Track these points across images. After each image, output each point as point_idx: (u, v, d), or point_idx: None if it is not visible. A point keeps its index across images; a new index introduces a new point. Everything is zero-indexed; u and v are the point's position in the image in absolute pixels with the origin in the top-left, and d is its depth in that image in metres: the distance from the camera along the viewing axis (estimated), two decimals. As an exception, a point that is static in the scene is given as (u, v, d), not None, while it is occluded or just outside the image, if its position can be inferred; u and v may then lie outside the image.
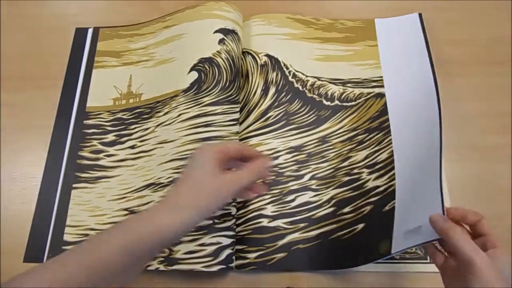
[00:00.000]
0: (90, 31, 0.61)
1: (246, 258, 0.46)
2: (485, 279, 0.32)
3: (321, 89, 0.55)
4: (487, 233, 0.36)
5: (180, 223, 0.33)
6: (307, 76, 0.56)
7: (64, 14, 0.64)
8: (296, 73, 0.56)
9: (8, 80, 0.58)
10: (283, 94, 0.55)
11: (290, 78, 0.56)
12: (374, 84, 0.55)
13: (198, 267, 0.45)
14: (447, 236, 0.35)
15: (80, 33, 0.61)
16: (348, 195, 0.49)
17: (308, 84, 0.56)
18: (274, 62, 0.57)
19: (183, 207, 0.34)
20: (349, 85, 0.55)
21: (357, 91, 0.55)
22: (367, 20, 0.59)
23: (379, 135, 0.51)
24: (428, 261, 0.46)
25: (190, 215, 0.33)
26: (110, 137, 0.54)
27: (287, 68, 0.57)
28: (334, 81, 0.56)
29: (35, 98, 0.57)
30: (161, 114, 0.53)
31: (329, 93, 0.55)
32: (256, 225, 0.48)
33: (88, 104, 0.56)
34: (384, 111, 0.52)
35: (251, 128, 0.53)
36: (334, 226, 0.47)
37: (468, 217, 0.38)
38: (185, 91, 0.52)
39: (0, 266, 0.47)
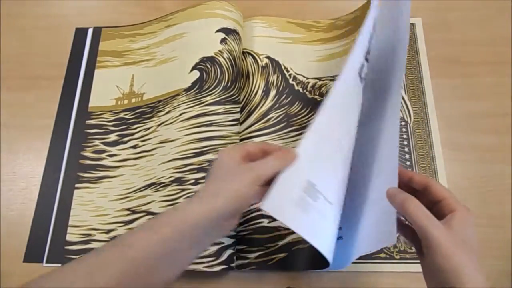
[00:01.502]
0: (90, 31, 0.61)
1: (247, 258, 0.46)
2: (443, 251, 0.29)
3: (322, 89, 0.55)
4: (443, 198, 0.33)
5: (210, 209, 0.32)
6: (307, 78, 0.56)
7: (64, 14, 0.64)
8: (297, 75, 0.56)
9: (8, 80, 0.58)
10: (283, 97, 0.55)
11: (290, 80, 0.56)
12: None
13: (200, 267, 0.45)
14: (403, 208, 0.32)
15: (80, 33, 0.61)
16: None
17: (309, 86, 0.56)
18: (275, 65, 0.57)
19: (209, 197, 0.33)
20: None
21: None
22: (364, 5, 0.56)
23: None
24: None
25: (221, 201, 0.32)
26: (113, 137, 0.54)
27: (288, 71, 0.57)
28: (334, 78, 0.55)
29: (35, 98, 0.57)
30: (162, 113, 0.53)
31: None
32: (257, 225, 0.48)
33: (90, 104, 0.56)
34: None
35: (252, 128, 0.53)
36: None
37: (414, 178, 0.35)
38: (187, 90, 0.52)
39: (0, 266, 0.47)
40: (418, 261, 0.34)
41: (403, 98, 0.54)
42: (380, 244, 0.38)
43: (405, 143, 0.51)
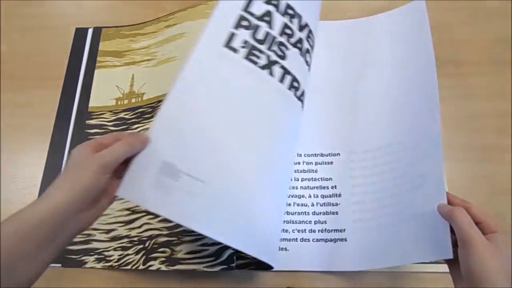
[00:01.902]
0: (90, 31, 0.61)
1: (246, 258, 0.46)
2: (480, 255, 0.32)
3: None
4: (482, 220, 0.35)
5: (50, 206, 0.31)
6: None
7: (64, 14, 0.64)
8: None
9: (8, 80, 0.58)
10: None
11: None
12: None
13: (200, 267, 0.45)
14: (450, 214, 0.35)
15: (80, 33, 0.61)
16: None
17: None
18: None
19: (52, 193, 0.32)
20: None
21: None
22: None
23: None
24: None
25: (62, 194, 0.31)
26: (112, 137, 0.54)
27: None
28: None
29: (35, 98, 0.57)
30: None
31: None
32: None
33: (90, 104, 0.56)
34: None
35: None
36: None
37: (454, 201, 0.38)
38: (186, 90, 0.52)
39: (0, 266, 0.47)
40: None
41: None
42: (433, 256, 0.39)
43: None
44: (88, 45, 0.60)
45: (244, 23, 0.42)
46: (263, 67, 0.42)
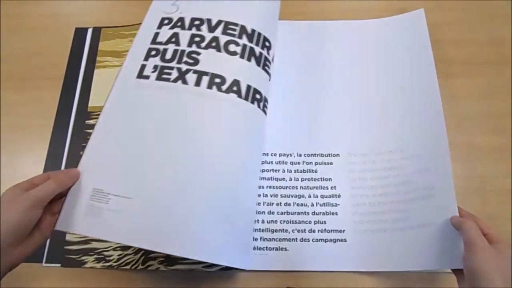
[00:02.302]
0: (89, 31, 0.61)
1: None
2: (482, 256, 0.35)
3: None
4: (487, 232, 0.38)
5: None
6: None
7: (64, 14, 0.64)
8: None
9: (8, 80, 0.58)
10: None
11: None
12: None
13: (199, 267, 0.45)
14: (459, 224, 0.39)
15: (80, 33, 0.61)
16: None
17: None
18: None
19: None
20: None
21: None
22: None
23: None
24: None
25: None
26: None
27: None
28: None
29: (35, 98, 0.57)
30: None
31: None
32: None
33: (90, 104, 0.56)
34: None
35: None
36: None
37: (462, 215, 0.41)
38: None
39: (0, 266, 0.47)
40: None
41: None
42: (442, 265, 0.41)
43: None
44: (88, 45, 0.60)
45: (153, 52, 0.47)
46: (175, 80, 0.45)
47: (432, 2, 0.60)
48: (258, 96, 0.46)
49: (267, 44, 0.49)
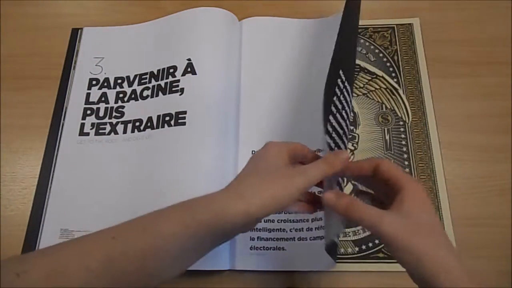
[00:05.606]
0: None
1: (246, 258, 0.46)
2: (399, 245, 0.28)
3: None
4: (389, 177, 0.31)
5: (245, 212, 0.28)
6: None
7: (63, 14, 0.64)
8: None
9: (8, 80, 0.59)
10: None
11: None
12: None
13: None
14: (347, 212, 0.30)
15: (76, 33, 0.61)
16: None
17: None
18: None
19: (250, 195, 0.29)
20: None
21: None
22: None
23: None
24: None
25: (257, 204, 0.28)
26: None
27: None
28: None
29: (34, 98, 0.57)
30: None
31: None
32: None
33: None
34: None
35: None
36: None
37: (364, 167, 0.33)
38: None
39: None
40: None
41: (401, 98, 0.54)
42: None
43: (403, 142, 0.51)
44: (83, 45, 0.61)
45: (88, 112, 0.55)
46: (109, 133, 0.53)
47: (431, 2, 0.60)
48: (167, 118, 0.51)
49: (171, 71, 0.54)
